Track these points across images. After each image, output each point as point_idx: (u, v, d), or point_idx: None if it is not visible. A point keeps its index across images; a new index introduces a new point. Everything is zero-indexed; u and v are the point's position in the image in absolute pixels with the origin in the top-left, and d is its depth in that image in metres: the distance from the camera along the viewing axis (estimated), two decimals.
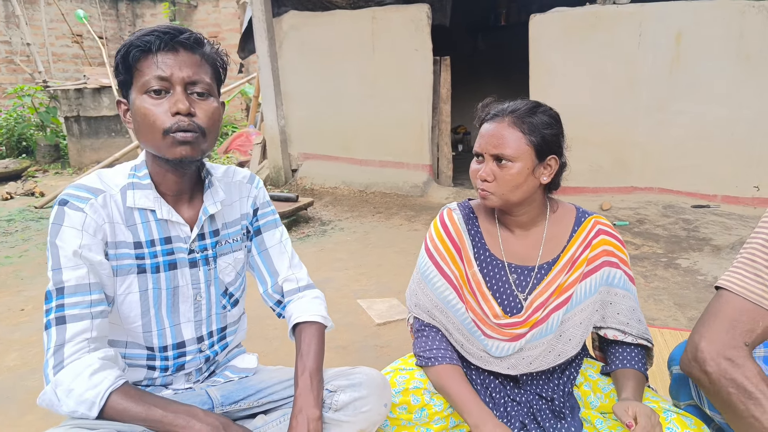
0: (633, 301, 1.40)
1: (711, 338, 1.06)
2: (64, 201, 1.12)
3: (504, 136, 1.30)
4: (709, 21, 4.29)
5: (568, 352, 1.39)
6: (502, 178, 1.30)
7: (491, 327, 1.39)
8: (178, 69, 1.11)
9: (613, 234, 1.40)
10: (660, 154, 4.71)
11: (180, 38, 1.12)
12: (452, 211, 1.49)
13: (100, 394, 1.02)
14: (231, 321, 1.41)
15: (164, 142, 1.12)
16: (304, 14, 5.64)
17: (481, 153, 1.34)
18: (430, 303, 1.45)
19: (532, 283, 1.40)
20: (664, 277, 3.33)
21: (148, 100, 1.11)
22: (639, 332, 1.38)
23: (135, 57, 1.10)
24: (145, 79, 1.10)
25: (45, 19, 8.63)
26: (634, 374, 1.34)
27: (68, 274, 1.08)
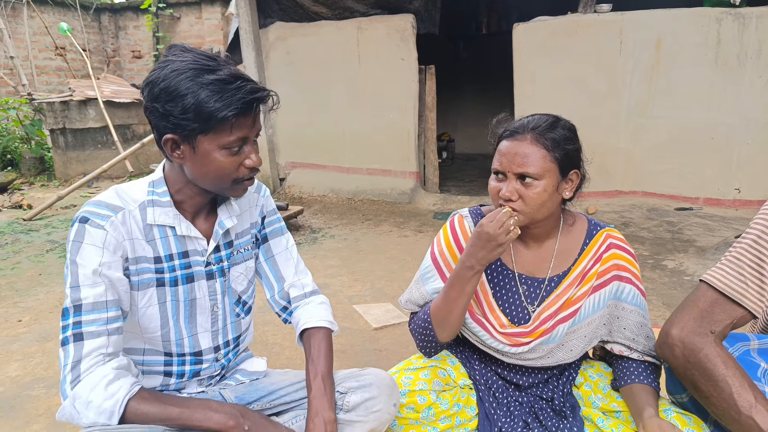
0: (642, 318, 1.37)
1: (680, 325, 1.13)
2: (85, 218, 1.13)
3: (528, 154, 1.26)
4: (688, 28, 4.42)
5: (566, 359, 1.40)
6: (528, 197, 1.27)
7: (496, 335, 1.40)
8: (254, 127, 1.16)
9: (625, 248, 1.38)
10: (642, 158, 4.82)
11: (264, 101, 1.15)
12: (463, 218, 1.46)
13: (119, 402, 1.05)
14: (244, 328, 1.44)
15: (231, 186, 1.20)
16: (290, 25, 5.69)
17: (502, 171, 1.30)
18: (423, 299, 1.46)
19: (542, 295, 1.39)
20: (652, 278, 3.40)
21: (227, 155, 1.14)
22: (646, 349, 1.36)
23: (227, 116, 1.08)
24: (229, 139, 1.12)
25: (28, 32, 8.55)
26: (645, 389, 1.31)
27: (86, 291, 1.11)
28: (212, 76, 1.07)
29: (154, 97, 1.09)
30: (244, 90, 1.08)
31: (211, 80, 1.07)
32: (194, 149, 1.12)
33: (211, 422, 1.07)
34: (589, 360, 1.55)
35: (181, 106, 1.07)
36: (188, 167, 1.17)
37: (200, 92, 1.06)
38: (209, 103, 1.06)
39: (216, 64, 1.10)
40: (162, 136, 1.13)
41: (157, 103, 1.09)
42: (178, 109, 1.08)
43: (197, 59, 1.09)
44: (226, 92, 1.07)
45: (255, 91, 1.10)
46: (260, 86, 1.13)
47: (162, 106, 1.09)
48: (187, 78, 1.07)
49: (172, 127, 1.10)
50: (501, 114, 1.42)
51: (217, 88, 1.07)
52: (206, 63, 1.09)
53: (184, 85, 1.07)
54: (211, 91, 1.07)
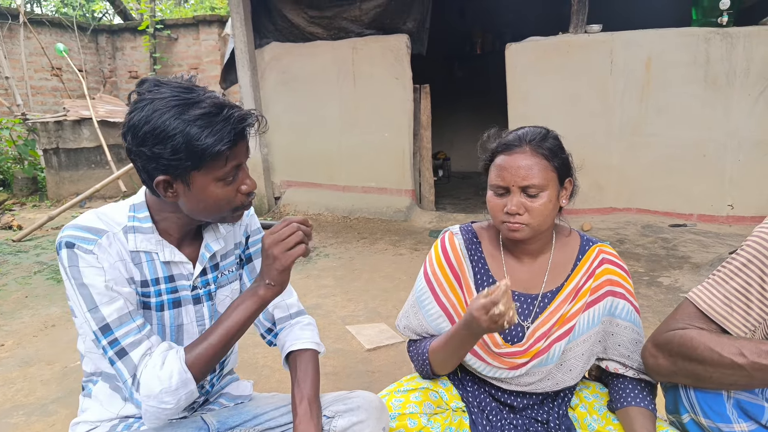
0: (637, 334, 1.35)
1: (653, 336, 1.14)
2: (71, 244, 1.09)
3: (531, 166, 1.25)
4: (677, 47, 4.48)
5: (567, 381, 1.37)
6: (534, 210, 1.26)
7: (491, 355, 1.37)
8: (245, 153, 1.14)
9: (618, 263, 1.37)
10: (635, 175, 4.85)
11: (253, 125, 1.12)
12: (454, 235, 1.45)
13: (180, 371, 1.07)
14: (228, 352, 1.40)
15: (231, 213, 1.18)
16: (285, 45, 5.73)
17: (505, 186, 1.28)
18: (421, 329, 1.44)
19: (535, 312, 1.38)
20: (647, 295, 3.39)
21: (222, 186, 1.11)
22: (641, 366, 1.33)
23: (221, 150, 1.05)
24: (224, 170, 1.09)
25: (24, 53, 8.60)
26: (641, 412, 1.29)
27: (106, 309, 1.08)
28: (197, 110, 1.03)
29: (140, 141, 1.04)
30: (233, 120, 1.05)
31: (198, 115, 1.03)
32: (188, 186, 1.09)
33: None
34: (585, 380, 1.53)
35: (171, 147, 1.03)
36: (184, 203, 1.14)
37: (189, 130, 1.02)
38: (200, 139, 1.02)
39: (196, 96, 1.06)
40: (153, 178, 1.09)
41: (143, 146, 1.05)
42: (168, 151, 1.03)
43: (177, 94, 1.05)
44: (216, 125, 1.03)
45: (244, 118, 1.07)
46: (246, 111, 1.10)
47: (150, 149, 1.04)
48: (172, 117, 1.02)
49: (164, 168, 1.06)
50: (490, 129, 1.41)
51: (205, 123, 1.03)
52: (187, 97, 1.05)
53: (170, 124, 1.02)
54: (200, 126, 1.03)
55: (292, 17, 5.54)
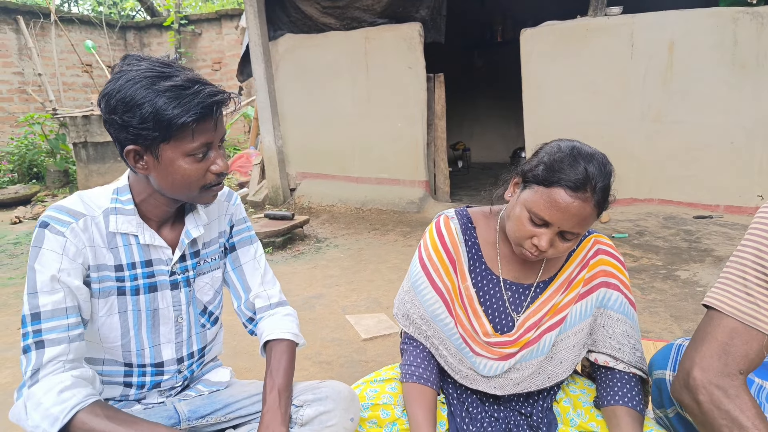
0: (629, 327, 1.31)
1: (703, 365, 0.99)
2: (45, 223, 1.11)
3: (585, 218, 1.15)
4: (702, 29, 4.26)
5: (559, 375, 1.33)
6: (558, 248, 1.20)
7: (480, 345, 1.34)
8: (217, 131, 1.13)
9: (613, 254, 1.33)
10: (657, 164, 4.64)
11: (225, 104, 1.12)
12: (449, 219, 1.40)
13: (66, 410, 1.02)
14: (210, 339, 1.41)
15: (199, 193, 1.17)
16: (299, 37, 5.73)
17: (548, 222, 1.16)
18: (418, 315, 1.40)
19: (527, 302, 1.35)
20: (662, 289, 3.24)
21: (191, 162, 1.11)
22: (632, 360, 1.29)
23: (186, 122, 1.06)
24: (192, 145, 1.09)
25: (56, 50, 8.88)
26: (628, 413, 1.24)
27: (45, 298, 1.09)
28: (168, 82, 1.05)
29: (111, 108, 1.07)
30: (202, 94, 1.06)
31: (168, 87, 1.05)
32: (158, 159, 1.10)
33: None
34: (574, 375, 1.48)
35: (139, 116, 1.05)
36: (154, 177, 1.14)
37: (157, 100, 1.04)
38: (167, 110, 1.04)
39: (171, 71, 1.08)
40: (123, 147, 1.11)
41: (114, 114, 1.07)
42: (136, 119, 1.05)
43: (152, 67, 1.07)
44: (184, 98, 1.05)
45: (213, 94, 1.08)
46: (218, 89, 1.10)
47: (120, 117, 1.06)
48: (143, 86, 1.05)
49: (133, 138, 1.08)
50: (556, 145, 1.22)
51: (174, 95, 1.05)
52: (161, 70, 1.07)
53: (140, 93, 1.04)
54: (168, 97, 1.04)
55: (305, 8, 5.52)
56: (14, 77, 8.56)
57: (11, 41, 8.45)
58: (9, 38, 8.42)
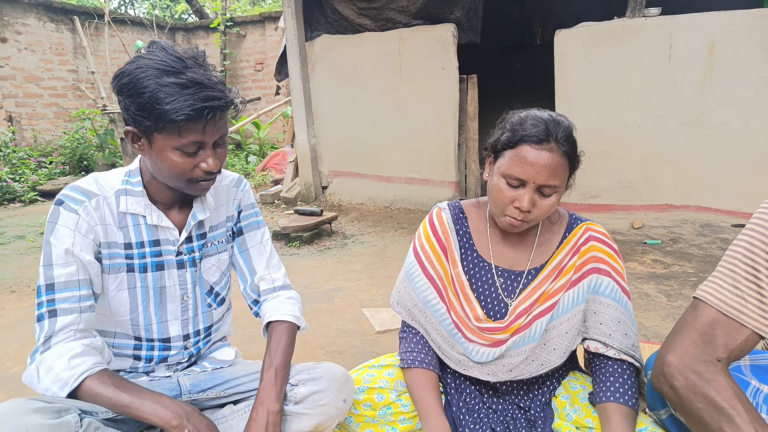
0: (621, 313, 1.31)
1: (678, 351, 1.00)
2: (60, 201, 1.20)
3: (556, 168, 1.20)
4: (745, 31, 4.10)
5: (552, 362, 1.34)
6: (542, 207, 1.24)
7: (472, 330, 1.36)
8: (212, 134, 1.16)
9: (605, 241, 1.34)
10: (695, 170, 4.49)
11: (221, 110, 1.14)
12: (441, 210, 1.46)
13: (75, 376, 1.09)
14: (216, 319, 1.47)
15: (187, 185, 1.22)
16: (334, 37, 5.82)
17: (524, 180, 1.21)
18: (411, 302, 1.45)
19: (519, 288, 1.36)
20: (690, 297, 3.14)
21: (180, 156, 1.15)
22: (622, 346, 1.28)
23: (175, 120, 1.09)
24: (181, 142, 1.13)
25: (108, 50, 9.32)
26: (619, 410, 1.23)
27: (59, 270, 1.16)
28: (172, 78, 1.09)
29: (119, 89, 1.14)
30: (196, 97, 1.09)
31: (169, 82, 1.09)
32: (151, 145, 1.16)
33: (157, 417, 1.09)
34: (576, 372, 1.48)
35: (138, 103, 1.10)
36: (147, 160, 1.21)
37: (157, 92, 1.08)
38: (161, 104, 1.08)
39: (181, 67, 1.11)
40: (126, 125, 1.18)
41: (120, 95, 1.14)
42: (135, 105, 1.11)
43: (165, 59, 1.11)
44: (180, 96, 1.08)
45: (209, 98, 1.10)
46: (218, 95, 1.12)
47: (124, 99, 1.13)
48: (149, 77, 1.09)
49: (132, 120, 1.14)
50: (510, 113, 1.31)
51: (172, 91, 1.08)
52: (172, 65, 1.11)
53: (144, 83, 1.09)
54: (166, 93, 1.08)
55: (341, 9, 5.62)
56: (69, 75, 9.03)
57: (67, 40, 8.92)
58: (65, 37, 8.90)
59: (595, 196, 4.78)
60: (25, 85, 8.42)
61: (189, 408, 1.13)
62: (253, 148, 9.30)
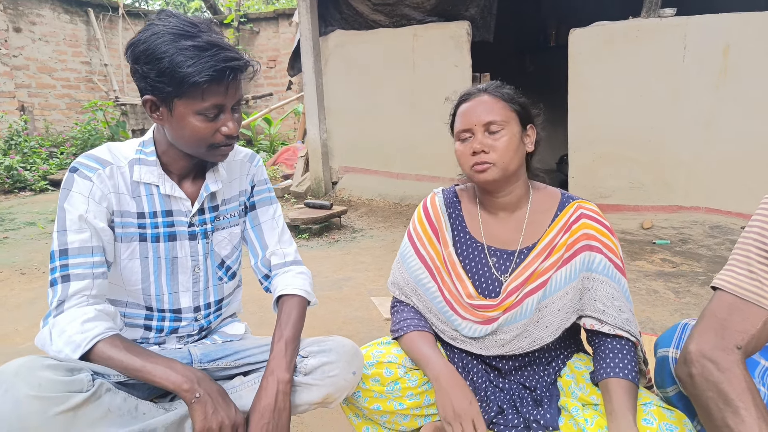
0: (614, 289, 1.32)
1: (699, 339, 1.00)
2: (75, 168, 1.20)
3: (491, 105, 1.32)
4: (759, 33, 4.08)
5: (545, 338, 1.35)
6: (498, 147, 1.30)
7: (465, 308, 1.38)
8: (233, 96, 1.17)
9: (598, 219, 1.35)
10: (707, 172, 4.47)
11: (241, 71, 1.15)
12: (435, 195, 1.52)
13: (87, 339, 1.09)
14: (227, 293, 1.48)
15: (207, 151, 1.22)
16: (349, 33, 5.85)
17: (467, 129, 1.33)
18: (404, 282, 1.48)
19: (512, 267, 1.38)
20: (698, 294, 3.13)
21: (202, 120, 1.16)
22: (617, 321, 1.29)
23: (198, 82, 1.09)
24: (202, 105, 1.13)
25: (122, 43, 9.40)
26: (619, 384, 1.24)
27: (73, 236, 1.17)
28: (189, 41, 1.10)
29: (135, 58, 1.13)
30: (217, 57, 1.10)
31: (188, 45, 1.09)
32: (171, 112, 1.15)
33: (168, 381, 1.09)
34: (581, 353, 1.48)
35: (157, 69, 1.10)
36: (167, 129, 1.21)
37: (176, 56, 1.08)
38: (183, 67, 1.08)
39: (196, 31, 1.12)
40: (143, 96, 1.17)
41: (137, 64, 1.13)
42: (154, 72, 1.10)
43: (179, 24, 1.12)
44: (201, 58, 1.08)
45: (229, 59, 1.11)
46: (237, 55, 1.13)
47: (141, 67, 1.12)
48: (165, 42, 1.09)
49: (150, 88, 1.13)
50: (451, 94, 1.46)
51: (192, 54, 1.08)
52: (186, 29, 1.11)
53: (161, 48, 1.09)
54: (186, 56, 1.08)
55: (356, 5, 5.65)
56: (82, 66, 9.12)
57: (81, 32, 9.00)
58: (79, 29, 8.98)
59: (605, 196, 4.76)
60: (38, 75, 8.50)
61: (200, 373, 1.14)
62: (264, 144, 9.34)
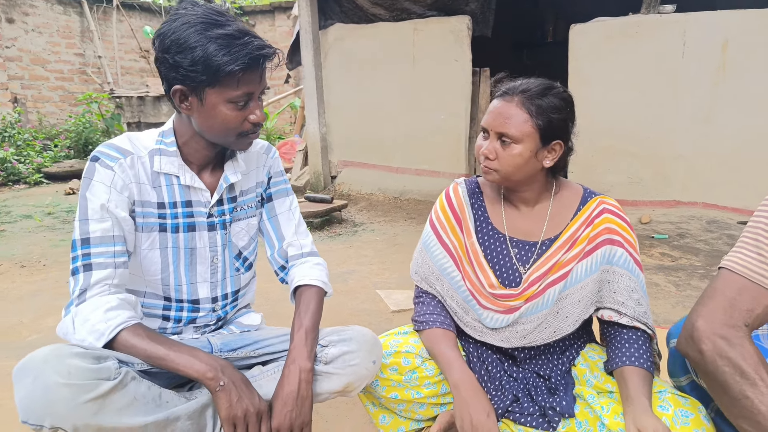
0: (633, 282, 1.35)
1: (707, 317, 1.03)
2: (96, 158, 1.20)
3: (510, 116, 1.29)
4: (758, 29, 4.13)
5: (564, 329, 1.37)
6: (504, 158, 1.31)
7: (486, 297, 1.40)
8: (260, 83, 1.19)
9: (619, 214, 1.37)
10: (705, 167, 4.53)
11: (270, 58, 1.17)
12: (458, 185, 1.52)
13: (111, 327, 1.10)
14: (243, 284, 1.49)
15: (236, 139, 1.23)
16: (348, 27, 5.84)
17: (486, 129, 1.34)
18: (428, 271, 1.49)
19: (534, 258, 1.40)
20: (698, 287, 3.18)
21: (232, 109, 1.17)
22: (635, 314, 1.32)
23: (233, 70, 1.10)
24: (236, 93, 1.15)
25: (116, 35, 9.31)
26: (635, 372, 1.27)
27: (95, 225, 1.17)
28: (221, 30, 1.10)
29: (165, 48, 1.13)
30: (251, 46, 1.11)
31: (220, 34, 1.10)
32: (202, 101, 1.16)
33: (192, 369, 1.10)
34: (593, 344, 1.51)
35: (190, 59, 1.10)
36: (195, 119, 1.21)
37: (209, 45, 1.09)
38: (217, 56, 1.09)
39: (225, 20, 1.13)
40: (171, 86, 1.17)
41: (167, 54, 1.13)
42: (187, 61, 1.11)
43: (207, 13, 1.12)
44: (234, 47, 1.10)
45: (262, 47, 1.13)
46: (266, 43, 1.15)
47: (172, 57, 1.12)
48: (197, 31, 1.10)
49: (181, 78, 1.14)
50: (500, 74, 1.43)
51: (225, 43, 1.09)
52: (215, 18, 1.12)
53: (193, 37, 1.10)
54: (219, 45, 1.09)
55: None
56: (76, 58, 9.02)
57: (75, 23, 8.91)
58: (73, 20, 8.88)
59: (604, 190, 4.77)
60: (31, 67, 8.40)
61: (223, 361, 1.15)
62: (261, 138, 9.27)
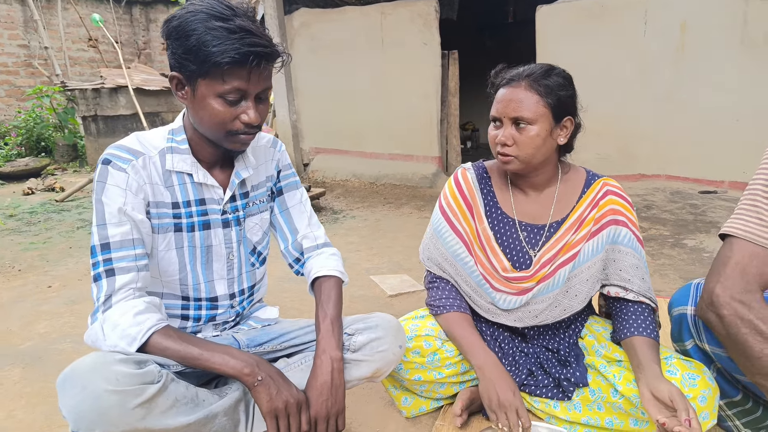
0: (637, 260, 1.42)
1: (726, 284, 1.09)
2: (108, 160, 1.18)
3: (522, 100, 1.33)
4: (714, 9, 4.35)
5: (574, 307, 1.44)
6: (523, 142, 1.34)
7: (499, 280, 1.46)
8: (256, 84, 1.14)
9: (621, 195, 1.44)
10: (668, 142, 4.76)
11: (267, 58, 1.12)
12: (466, 170, 1.55)
13: (143, 331, 1.10)
14: (258, 278, 1.49)
15: (226, 137, 1.19)
16: (314, 11, 5.77)
17: (499, 118, 1.36)
18: (441, 257, 1.53)
19: (542, 240, 1.45)
20: (671, 255, 3.38)
21: (222, 104, 1.14)
22: (641, 289, 1.40)
23: (219, 62, 1.08)
24: (224, 88, 1.11)
25: (62, 24, 8.84)
26: (645, 342, 1.33)
27: (113, 230, 1.16)
28: (220, 23, 1.08)
29: (168, 33, 1.13)
30: (243, 41, 1.08)
31: (218, 26, 1.08)
32: (194, 92, 1.14)
33: (228, 367, 1.10)
34: (595, 316, 1.60)
35: (185, 46, 1.10)
36: (189, 110, 1.21)
37: (204, 35, 1.08)
38: (208, 47, 1.07)
39: (231, 14, 1.10)
40: (171, 71, 1.17)
41: (169, 39, 1.13)
42: (182, 49, 1.11)
43: (215, 6, 1.11)
44: (227, 40, 1.07)
45: (255, 45, 1.09)
46: (265, 43, 1.11)
47: (172, 42, 1.13)
48: (198, 20, 1.09)
49: (177, 65, 1.14)
50: (498, 66, 1.46)
51: (219, 35, 1.08)
52: (222, 11, 1.10)
53: (192, 26, 1.09)
54: (213, 36, 1.07)
55: None
56: (20, 50, 8.54)
57: (17, 13, 8.41)
58: (14, 9, 8.38)
59: None
60: None
61: (257, 357, 1.16)
62: None
